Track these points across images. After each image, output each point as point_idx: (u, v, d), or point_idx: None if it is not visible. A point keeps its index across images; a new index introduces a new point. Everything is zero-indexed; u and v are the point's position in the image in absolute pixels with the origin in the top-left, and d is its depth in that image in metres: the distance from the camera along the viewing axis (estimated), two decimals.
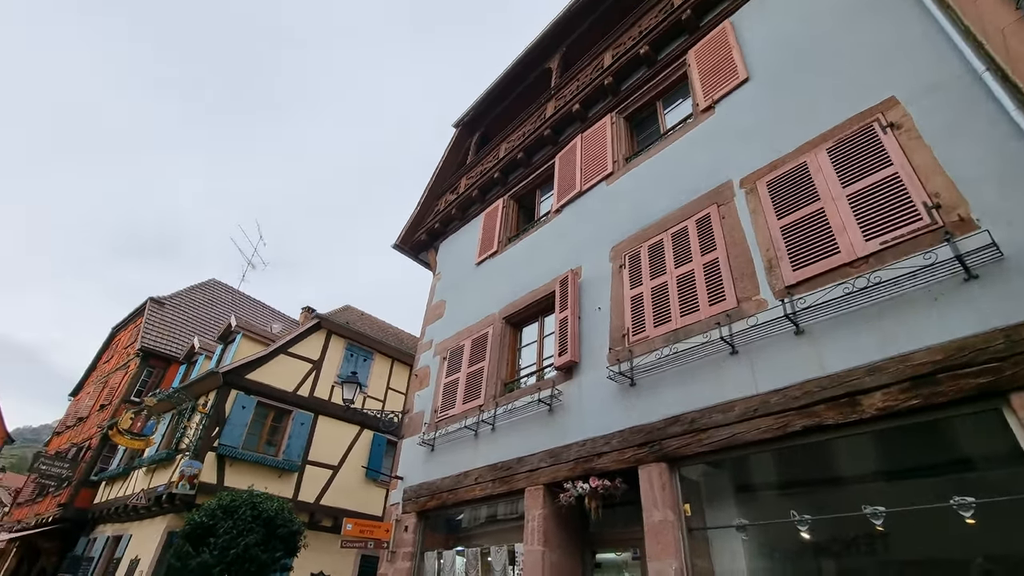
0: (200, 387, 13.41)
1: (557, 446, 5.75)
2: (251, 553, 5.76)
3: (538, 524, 5.53)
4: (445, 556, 6.72)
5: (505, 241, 8.65)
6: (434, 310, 9.35)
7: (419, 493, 7.32)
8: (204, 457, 12.00)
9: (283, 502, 6.56)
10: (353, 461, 14.28)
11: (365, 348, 15.54)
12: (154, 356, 18.05)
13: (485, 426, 6.73)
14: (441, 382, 8.03)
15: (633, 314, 5.67)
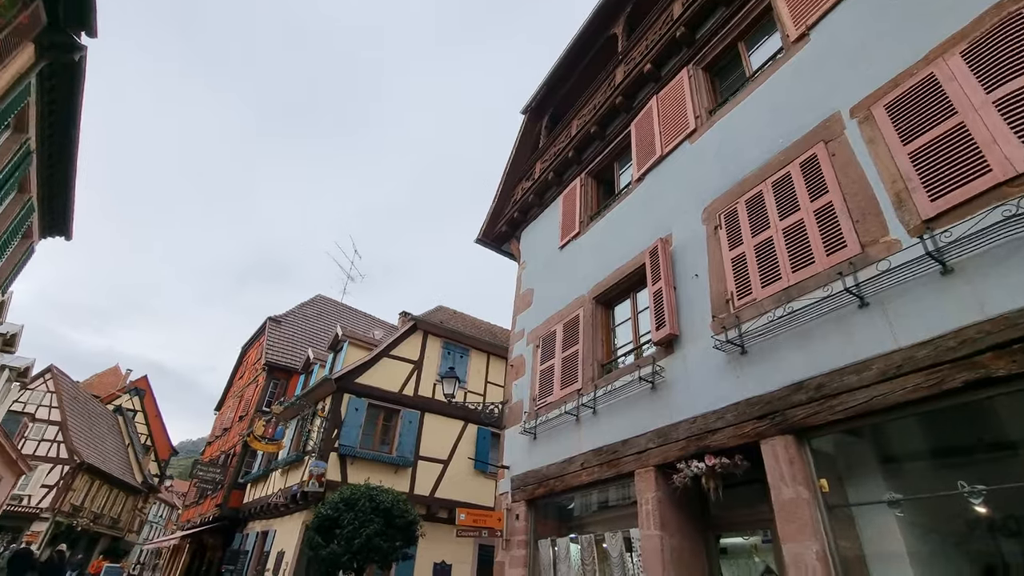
0: (317, 393, 14.50)
1: (664, 425, 5.40)
2: (374, 543, 6.06)
3: (652, 508, 5.23)
4: (559, 543, 6.61)
5: (587, 220, 8.36)
6: (522, 299, 9.28)
7: (526, 481, 7.28)
8: (328, 457, 12.96)
9: (398, 494, 6.84)
10: (461, 454, 14.70)
11: (460, 345, 15.93)
12: (277, 369, 19.85)
13: (586, 410, 6.52)
14: (537, 370, 7.93)
15: (736, 276, 5.17)
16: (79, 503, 28.70)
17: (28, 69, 7.86)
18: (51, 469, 27.09)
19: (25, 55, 7.70)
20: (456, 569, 13.56)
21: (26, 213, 10.65)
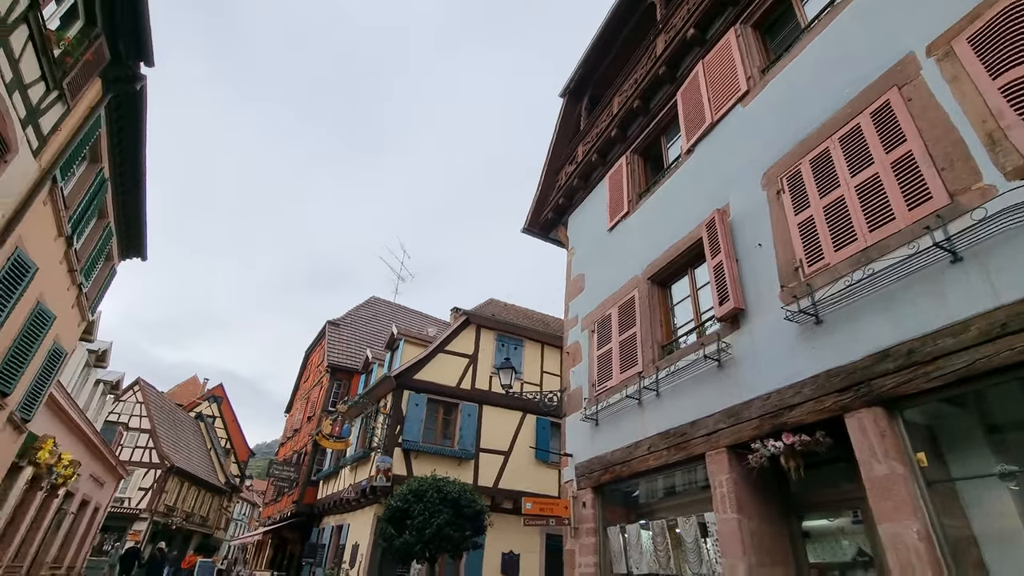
0: (378, 391, 14.93)
1: (735, 404, 5.15)
2: (444, 532, 6.16)
3: (727, 490, 5.00)
4: (629, 530, 6.48)
5: (635, 199, 8.10)
6: (574, 285, 9.14)
7: (591, 468, 7.18)
8: (393, 452, 13.33)
9: (464, 484, 6.93)
10: (521, 445, 14.75)
11: (514, 336, 15.95)
12: (339, 370, 20.61)
13: (648, 392, 6.33)
14: (593, 355, 7.79)
15: (804, 242, 4.84)
16: (172, 504, 30.99)
17: (97, 102, 8.41)
18: (145, 473, 29.37)
19: (94, 90, 8.25)
20: (524, 559, 13.65)
21: (106, 237, 11.47)
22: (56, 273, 9.31)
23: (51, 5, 6.67)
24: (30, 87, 6.58)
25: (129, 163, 10.43)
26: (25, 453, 11.21)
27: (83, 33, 7.41)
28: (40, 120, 7.01)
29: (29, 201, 7.27)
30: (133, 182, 10.94)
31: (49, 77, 6.82)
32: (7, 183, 6.64)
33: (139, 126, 9.65)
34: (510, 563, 13.43)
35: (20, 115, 6.56)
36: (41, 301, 9.03)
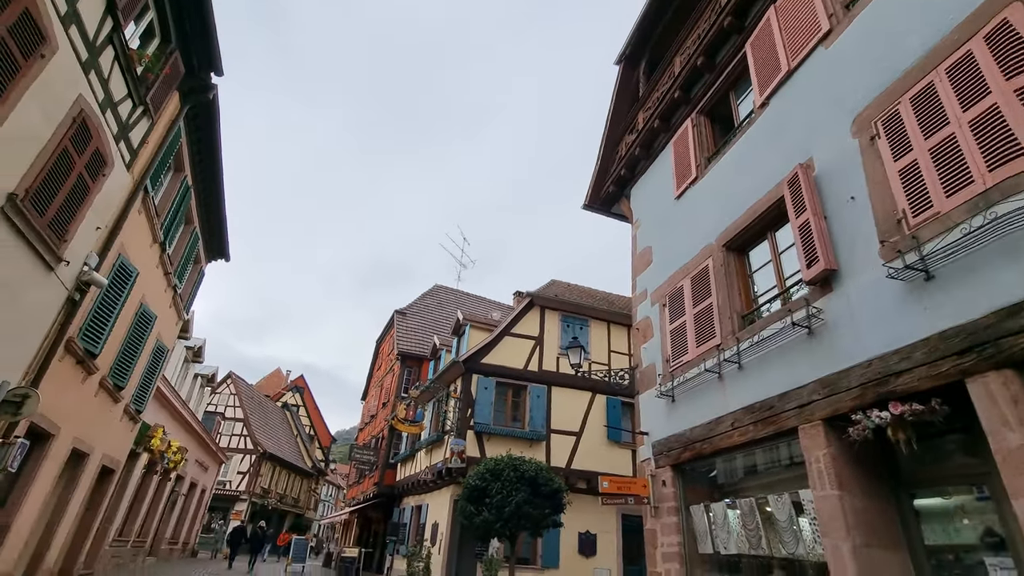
0: (447, 376, 15.26)
1: (830, 373, 4.75)
2: (523, 511, 6.18)
3: (826, 466, 4.65)
4: (714, 509, 6.22)
5: (704, 163, 7.64)
6: (640, 259, 8.82)
7: (669, 446, 6.95)
8: (465, 435, 13.61)
9: (540, 463, 6.92)
10: (592, 425, 14.62)
11: (579, 316, 15.76)
12: (409, 357, 21.28)
13: (729, 365, 6.00)
14: (666, 330, 7.49)
15: (907, 190, 4.33)
16: (267, 486, 33.53)
17: (177, 114, 8.97)
18: (242, 458, 31.90)
19: (173, 103, 8.79)
20: (601, 539, 13.60)
21: (193, 241, 12.34)
22: (154, 277, 10.13)
23: (131, 25, 7.13)
24: (119, 104, 7.09)
25: (208, 170, 11.11)
26: (140, 441, 12.41)
27: (160, 49, 7.89)
28: (129, 135, 7.56)
29: (126, 211, 7.90)
30: (212, 188, 11.67)
31: (134, 94, 7.32)
32: (107, 195, 7.23)
33: (214, 133, 10.24)
34: (587, 542, 13.42)
35: (113, 131, 7.09)
36: (144, 303, 9.86)
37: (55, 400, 7.45)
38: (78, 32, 5.83)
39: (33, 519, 7.99)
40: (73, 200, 6.40)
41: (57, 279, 6.56)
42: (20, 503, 7.31)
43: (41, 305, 6.43)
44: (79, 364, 7.88)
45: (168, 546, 19.32)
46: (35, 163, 5.57)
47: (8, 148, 5.10)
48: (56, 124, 5.77)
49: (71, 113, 5.97)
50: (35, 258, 5.99)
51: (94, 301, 7.73)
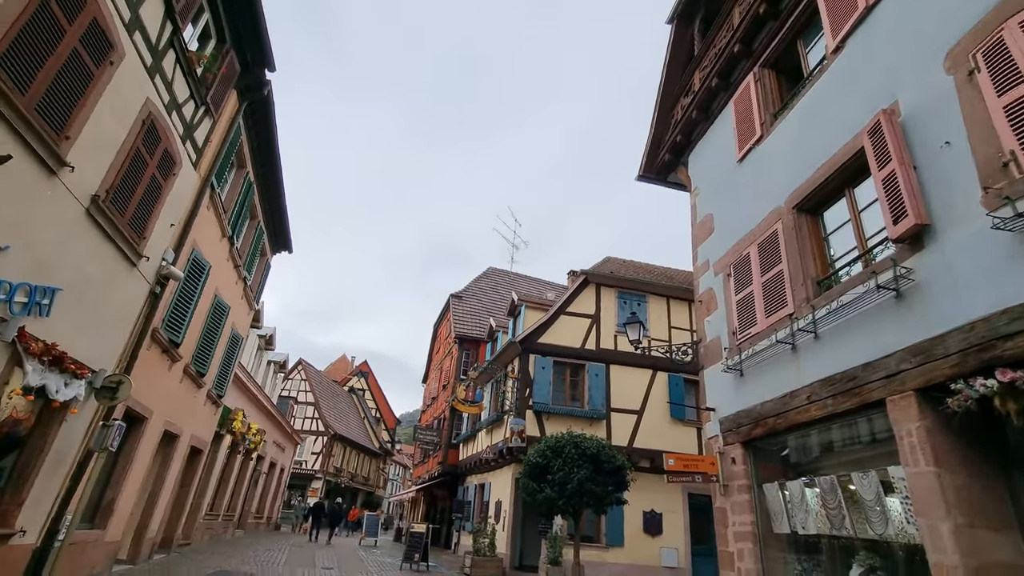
0: (505, 357, 15.34)
1: (924, 339, 4.31)
2: (586, 487, 6.10)
3: (920, 440, 4.25)
4: (790, 487, 5.88)
5: (769, 120, 7.10)
6: (701, 228, 8.39)
7: (739, 422, 6.63)
8: (524, 415, 13.68)
9: (602, 440, 6.79)
10: (654, 404, 14.30)
11: (636, 292, 15.36)
12: (466, 340, 21.60)
13: (804, 335, 5.60)
14: (732, 301, 7.11)
15: (1016, 128, 3.79)
16: (339, 466, 35.41)
17: (236, 112, 9.32)
18: (315, 440, 33.78)
19: (232, 101, 9.14)
20: (667, 518, 13.36)
21: (259, 235, 12.93)
22: (225, 269, 10.71)
23: (188, 28, 7.41)
24: (183, 105, 7.44)
25: (267, 165, 11.56)
26: (223, 423, 13.32)
27: (216, 49, 8.19)
28: (194, 134, 7.93)
29: (196, 207, 8.33)
30: (273, 182, 12.14)
31: (196, 94, 7.65)
32: (177, 193, 7.64)
33: (270, 129, 10.60)
34: (652, 522, 13.23)
35: (179, 132, 7.45)
36: (218, 294, 10.47)
37: (146, 387, 8.07)
38: (142, 38, 6.11)
39: (135, 494, 8.76)
40: (148, 199, 6.80)
41: (140, 274, 7.04)
42: (123, 480, 8.02)
43: (127, 299, 6.92)
44: (164, 353, 8.47)
45: (254, 520, 20.84)
46: (112, 165, 5.94)
47: (89, 152, 5.45)
48: (128, 127, 6.11)
49: (140, 116, 6.30)
50: (119, 255, 6.43)
51: (173, 294, 8.26)
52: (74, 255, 5.58)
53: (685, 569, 13.01)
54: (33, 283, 5.02)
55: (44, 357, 5.27)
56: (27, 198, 4.76)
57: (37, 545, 6.00)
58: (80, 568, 7.21)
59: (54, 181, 5.05)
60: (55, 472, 6.08)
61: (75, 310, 5.78)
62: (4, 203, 4.51)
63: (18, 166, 4.55)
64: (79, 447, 6.47)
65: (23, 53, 4.34)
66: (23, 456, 5.66)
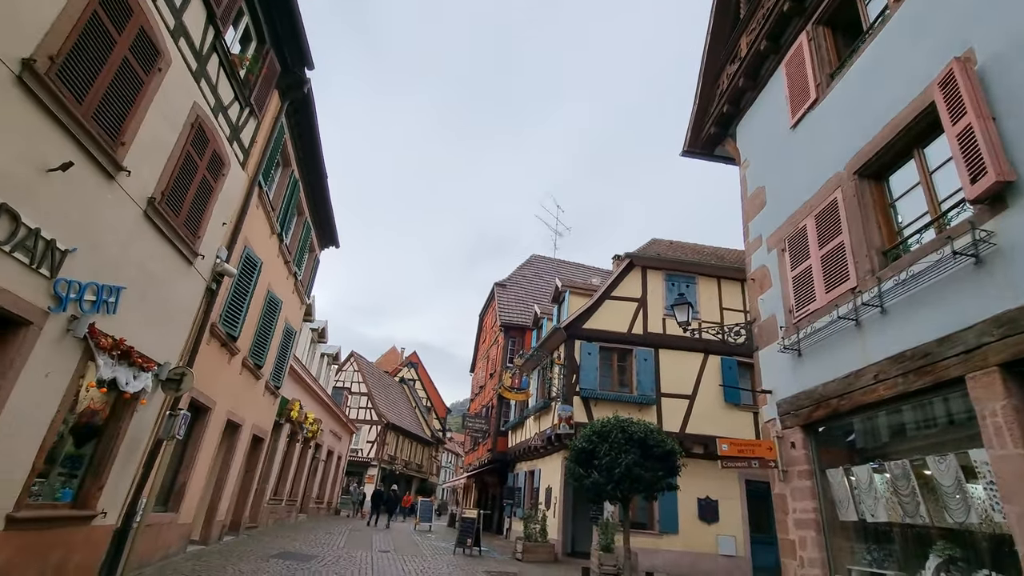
0: (550, 344, 15.25)
1: (1009, 309, 3.90)
2: (634, 473, 5.93)
3: (1005, 420, 3.86)
4: (857, 473, 5.53)
5: (825, 81, 6.60)
6: (752, 202, 7.96)
7: (798, 405, 6.28)
8: (571, 401, 13.57)
9: (650, 424, 6.59)
10: (707, 388, 13.86)
11: (684, 274, 14.86)
12: (512, 328, 21.64)
13: (869, 310, 5.20)
14: (787, 277, 6.71)
15: None
16: (393, 454, 36.51)
17: (279, 112, 9.58)
18: (369, 429, 34.93)
19: (274, 101, 9.39)
20: (723, 505, 12.97)
21: (306, 231, 13.33)
22: (276, 266, 11.12)
23: (229, 31, 7.64)
24: (228, 108, 7.69)
25: (311, 162, 11.86)
26: (281, 413, 13.93)
27: (257, 51, 8.41)
28: (240, 135, 8.20)
29: (246, 206, 8.64)
30: (317, 179, 12.46)
31: (240, 96, 7.89)
32: (227, 193, 7.94)
33: (312, 127, 10.85)
34: (708, 508, 12.88)
35: (226, 133, 7.72)
36: (270, 290, 10.88)
37: (208, 379, 8.51)
38: (186, 43, 6.33)
39: (203, 479, 9.29)
40: (200, 199, 7.10)
41: (196, 272, 7.38)
42: (192, 466, 8.51)
43: (186, 296, 7.27)
44: (223, 346, 8.89)
45: (315, 505, 21.83)
46: (166, 168, 6.21)
47: (143, 156, 5.71)
48: (178, 131, 6.37)
49: (189, 120, 6.56)
50: (176, 254, 6.76)
51: (229, 290, 8.63)
52: (135, 255, 5.89)
53: (744, 557, 12.62)
54: (100, 282, 5.34)
55: (114, 352, 5.61)
56: (89, 202, 5.04)
57: (117, 526, 6.46)
58: (157, 548, 7.73)
59: (113, 185, 5.32)
60: (129, 459, 6.51)
61: (139, 307, 6.12)
62: (70, 207, 4.79)
63: (79, 172, 4.82)
64: (150, 435, 6.89)
65: (78, 64, 4.56)
66: (101, 444, 6.07)
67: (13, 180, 4.14)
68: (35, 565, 5.14)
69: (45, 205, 4.49)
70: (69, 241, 4.82)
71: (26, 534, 4.94)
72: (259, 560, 8.89)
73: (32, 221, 4.36)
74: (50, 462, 5.33)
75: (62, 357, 5.00)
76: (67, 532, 5.55)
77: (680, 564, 12.16)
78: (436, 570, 9.97)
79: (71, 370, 5.16)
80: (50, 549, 5.28)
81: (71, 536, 5.62)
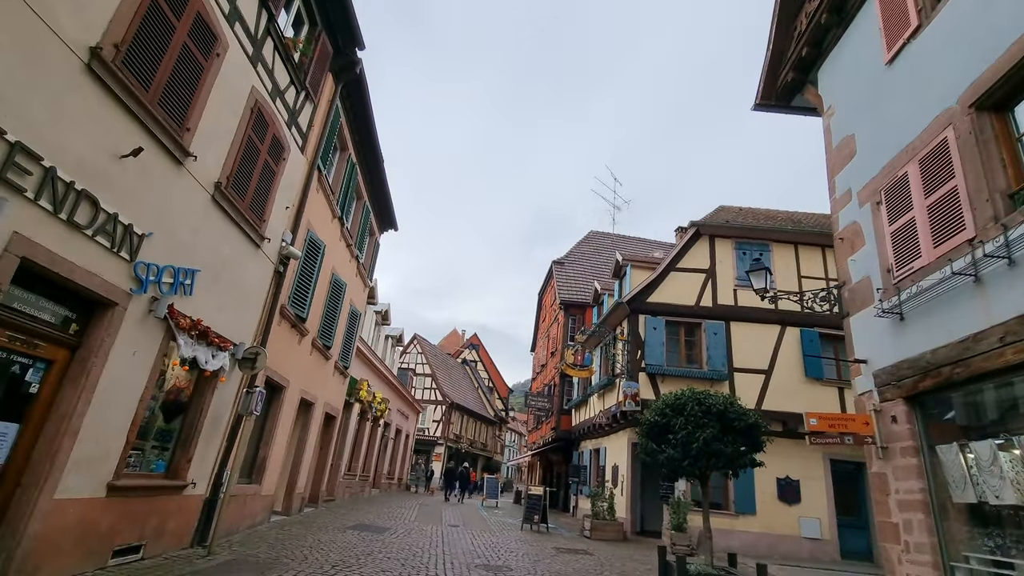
0: (613, 319, 14.81)
1: None
2: (713, 447, 5.52)
3: None
4: (976, 449, 4.86)
5: (928, 5, 5.73)
6: (839, 153, 7.16)
7: (899, 374, 5.62)
8: (637, 377, 13.13)
9: (730, 397, 6.11)
10: (785, 361, 12.97)
11: (757, 241, 13.89)
12: (572, 305, 21.29)
13: (992, 262, 4.49)
14: (884, 233, 5.98)
15: None
16: (458, 433, 37.39)
17: (334, 95, 9.64)
18: (434, 408, 35.88)
19: (328, 85, 9.44)
20: (806, 485, 12.19)
21: (366, 215, 13.55)
22: (338, 249, 11.36)
23: (281, 15, 7.68)
24: (285, 92, 7.78)
25: (367, 146, 11.95)
26: (351, 392, 14.42)
27: (309, 33, 8.44)
28: (298, 119, 8.30)
29: (307, 190, 8.80)
30: (374, 161, 12.57)
31: (295, 80, 7.96)
32: (289, 177, 8.09)
33: (366, 108, 10.88)
34: (788, 489, 12.16)
35: (285, 118, 7.83)
36: (335, 273, 11.15)
37: (281, 359, 8.84)
38: (242, 28, 6.39)
39: (282, 454, 9.75)
40: (264, 184, 7.25)
41: (264, 255, 7.59)
42: (271, 441, 8.93)
43: (256, 278, 7.51)
44: (293, 328, 9.19)
45: (386, 481, 22.73)
46: (230, 153, 6.35)
47: (207, 141, 5.84)
48: (239, 116, 6.49)
49: (248, 104, 6.66)
50: (244, 237, 6.96)
51: (295, 273, 8.88)
52: (206, 239, 6.08)
53: (830, 541, 11.84)
54: (176, 265, 5.55)
55: (192, 332, 5.86)
56: (161, 188, 5.20)
57: (206, 496, 6.84)
58: (244, 517, 8.18)
59: (181, 171, 5.47)
60: (213, 433, 6.85)
61: (212, 289, 6.35)
62: (143, 193, 4.95)
63: (150, 158, 4.97)
64: (230, 412, 7.23)
65: (142, 51, 4.66)
66: (187, 419, 6.41)
67: (90, 167, 4.30)
68: (135, 529, 5.51)
69: (120, 191, 4.66)
70: (145, 226, 5.00)
71: (127, 501, 5.29)
72: (337, 531, 9.25)
73: (110, 206, 4.53)
74: (143, 436, 5.67)
75: (146, 336, 5.25)
76: (161, 500, 5.92)
77: (757, 546, 11.59)
78: (505, 545, 10.01)
79: (155, 349, 5.42)
80: (147, 515, 5.65)
81: (165, 504, 5.99)
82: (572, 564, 8.47)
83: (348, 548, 7.75)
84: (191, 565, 5.73)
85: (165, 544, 6.05)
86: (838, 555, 11.78)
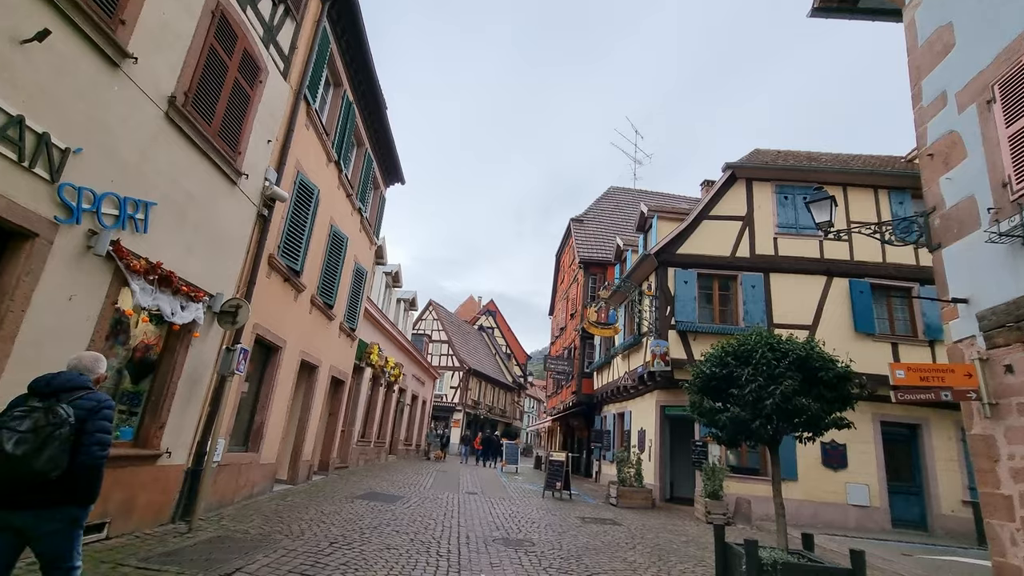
0: (639, 273, 13.65)
1: None
2: (796, 403, 4.43)
3: None
4: None
5: None
6: (930, 50, 5.80)
7: (1018, 315, 4.45)
8: (667, 335, 12.06)
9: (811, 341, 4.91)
10: (832, 315, 11.75)
11: (801, 183, 12.45)
12: (592, 264, 20.12)
13: None
14: (999, 138, 4.72)
15: None
16: (476, 399, 37.02)
17: (320, 13, 8.39)
18: (452, 375, 35.44)
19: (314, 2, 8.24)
20: (853, 449, 11.15)
21: (368, 163, 12.41)
22: (337, 198, 10.30)
23: None
24: (258, 1, 6.63)
25: (365, 83, 10.74)
26: (361, 356, 13.63)
27: None
28: (277, 38, 7.15)
29: (292, 123, 7.70)
30: (374, 103, 11.37)
31: None
32: (269, 105, 6.99)
33: (360, 35, 9.61)
34: (833, 454, 11.14)
35: (259, 33, 6.67)
36: (334, 224, 10.13)
37: (275, 316, 7.95)
38: None
39: (283, 419, 8.98)
40: (236, 108, 6.19)
41: (242, 193, 6.58)
42: (268, 406, 8.14)
43: (234, 220, 6.52)
44: (286, 281, 8.26)
45: (404, 447, 22.32)
46: (187, 63, 5.27)
47: (153, 43, 4.77)
48: (195, 18, 5.37)
49: (208, 6, 5.54)
50: (215, 170, 5.94)
51: (285, 218, 7.89)
52: (163, 166, 5.08)
53: (880, 508, 10.86)
54: (121, 194, 4.58)
55: (150, 276, 4.92)
56: (89, 92, 4.16)
57: (188, 466, 6.07)
58: (239, 487, 7.47)
59: (118, 74, 4.43)
60: (191, 397, 6.02)
61: (178, 229, 5.40)
62: (63, 95, 3.93)
63: (69, 52, 3.92)
64: (212, 372, 6.38)
65: None
66: (156, 381, 5.57)
67: None
68: (95, 505, 4.71)
69: (27, 89, 3.64)
70: (70, 139, 4.00)
71: None
72: (343, 501, 8.55)
73: (11, 107, 3.53)
74: None
75: (86, 279, 4.32)
76: (129, 472, 5.12)
77: (800, 514, 10.66)
78: (526, 514, 9.24)
79: (101, 295, 4.50)
80: (111, 489, 4.83)
81: (134, 476, 5.20)
82: (600, 537, 7.63)
83: (353, 520, 6.99)
84: (164, 544, 4.96)
85: (137, 521, 5.29)
86: (888, 523, 10.82)
